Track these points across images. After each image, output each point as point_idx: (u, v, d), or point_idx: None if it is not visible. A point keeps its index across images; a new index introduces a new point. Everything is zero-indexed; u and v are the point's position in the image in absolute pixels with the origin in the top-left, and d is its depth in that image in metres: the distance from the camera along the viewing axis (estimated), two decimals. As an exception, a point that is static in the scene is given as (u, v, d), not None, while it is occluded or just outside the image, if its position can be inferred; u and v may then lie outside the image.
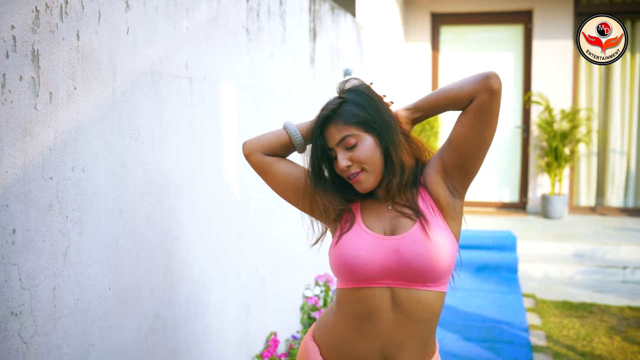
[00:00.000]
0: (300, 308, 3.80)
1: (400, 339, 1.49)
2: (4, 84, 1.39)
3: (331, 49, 4.30)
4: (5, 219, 1.40)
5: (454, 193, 1.54)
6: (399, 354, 1.50)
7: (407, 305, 1.48)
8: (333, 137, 1.50)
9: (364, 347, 1.52)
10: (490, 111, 1.48)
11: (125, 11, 1.84)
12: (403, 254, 1.46)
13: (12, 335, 1.43)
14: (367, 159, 1.49)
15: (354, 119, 1.50)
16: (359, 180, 1.51)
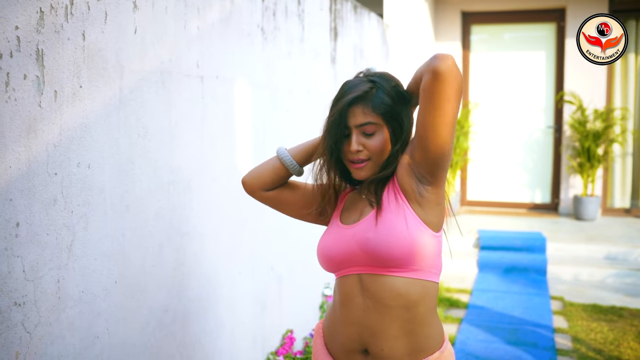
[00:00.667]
0: (320, 307, 3.81)
1: (374, 325, 1.50)
2: (7, 83, 1.44)
3: (354, 48, 4.31)
4: (9, 213, 1.46)
5: (420, 180, 1.49)
6: (377, 342, 1.50)
7: (374, 290, 1.49)
8: (356, 118, 1.51)
9: (346, 334, 1.56)
10: (435, 93, 1.39)
11: (133, 11, 1.88)
12: (357, 239, 1.51)
13: (15, 324, 1.49)
14: (378, 152, 1.53)
15: (381, 109, 1.51)
16: (361, 168, 1.53)
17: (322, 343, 1.65)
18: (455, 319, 4.79)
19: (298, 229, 3.32)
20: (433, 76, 1.37)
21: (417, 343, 1.51)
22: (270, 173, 1.68)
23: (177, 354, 2.20)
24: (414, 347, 1.51)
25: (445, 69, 1.37)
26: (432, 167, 1.47)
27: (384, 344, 1.50)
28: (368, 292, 1.50)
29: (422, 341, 1.52)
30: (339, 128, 1.52)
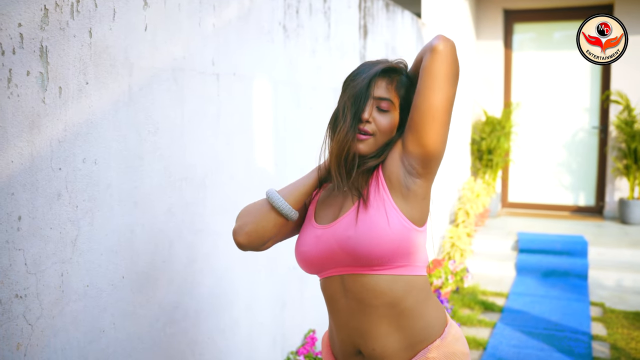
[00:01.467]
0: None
1: (361, 326, 1.46)
2: (10, 79, 1.46)
3: (385, 46, 4.26)
4: (10, 206, 1.48)
5: (410, 171, 1.45)
6: (367, 343, 1.47)
7: (356, 290, 1.45)
8: (379, 89, 1.48)
9: (340, 337, 1.54)
10: (432, 73, 1.38)
11: (144, 9, 1.90)
12: (337, 239, 1.46)
13: (16, 316, 1.51)
14: (384, 132, 1.49)
15: (402, 91, 1.51)
16: (363, 141, 1.47)
17: (329, 351, 1.62)
18: (488, 322, 4.68)
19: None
20: (434, 53, 1.39)
21: (412, 337, 1.47)
22: (265, 226, 1.51)
23: (189, 351, 2.20)
24: (409, 341, 1.47)
25: (445, 47, 1.40)
26: (425, 157, 1.43)
27: (374, 343, 1.46)
28: (350, 292, 1.46)
29: (417, 334, 1.47)
30: (365, 97, 1.46)
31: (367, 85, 1.46)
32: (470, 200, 6.17)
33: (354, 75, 1.52)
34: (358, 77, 1.50)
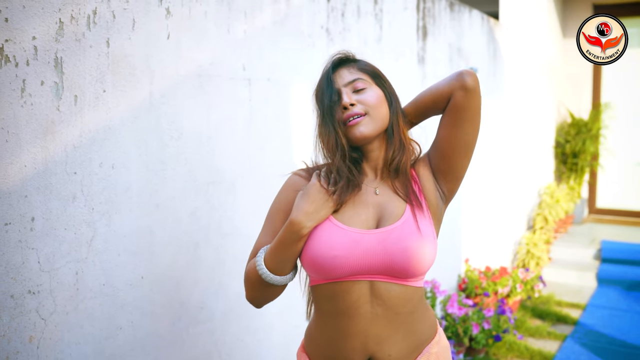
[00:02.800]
0: (399, 313, 3.73)
1: (382, 333, 1.43)
2: (23, 89, 1.56)
3: (449, 47, 4.15)
4: (24, 208, 1.58)
5: (442, 197, 1.54)
6: (384, 349, 1.43)
7: (386, 298, 1.42)
8: (343, 78, 1.49)
9: (347, 347, 1.45)
10: (467, 109, 1.46)
11: (166, 17, 1.96)
12: (388, 249, 1.40)
13: (29, 311, 1.61)
14: (374, 105, 1.47)
15: (367, 68, 1.54)
16: (359, 123, 1.44)
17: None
18: (559, 335, 4.46)
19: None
20: (466, 91, 1.44)
21: (419, 339, 1.50)
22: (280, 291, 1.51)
23: (215, 351, 2.25)
24: (417, 343, 1.49)
25: (475, 85, 1.46)
26: (454, 185, 1.55)
27: (391, 349, 1.44)
28: (379, 299, 1.42)
29: (422, 335, 1.51)
30: (329, 89, 1.47)
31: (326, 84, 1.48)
32: (549, 205, 5.89)
33: (317, 88, 1.53)
34: (319, 86, 1.52)
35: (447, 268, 4.41)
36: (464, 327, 3.55)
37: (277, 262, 1.43)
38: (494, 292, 4.43)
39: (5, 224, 1.54)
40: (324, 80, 1.51)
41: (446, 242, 4.37)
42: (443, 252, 4.28)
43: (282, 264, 1.43)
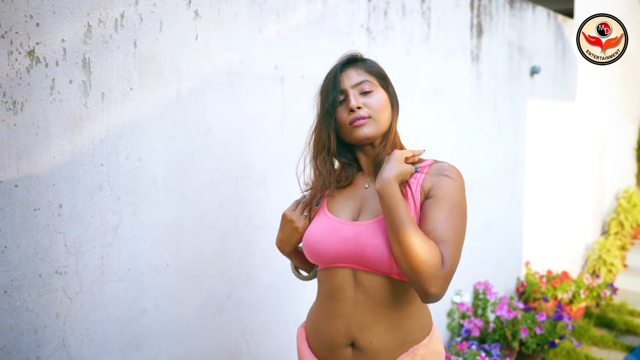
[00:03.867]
0: (448, 313, 3.69)
1: (364, 320, 1.47)
2: (52, 87, 1.71)
3: (508, 45, 4.06)
4: (52, 195, 1.73)
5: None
6: (365, 336, 1.47)
7: (367, 286, 1.46)
8: (350, 79, 1.53)
9: (332, 328, 1.52)
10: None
11: (194, 19, 2.07)
12: (360, 243, 1.45)
13: (56, 289, 1.76)
14: (378, 109, 1.51)
15: (374, 70, 1.56)
16: (364, 125, 1.49)
17: (306, 346, 1.63)
18: (625, 346, 4.25)
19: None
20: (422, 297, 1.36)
21: (407, 336, 1.50)
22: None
23: (242, 339, 2.35)
24: (404, 340, 1.49)
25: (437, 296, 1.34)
26: None
27: (373, 337, 1.47)
28: (361, 287, 1.47)
29: (411, 333, 1.50)
30: (334, 91, 1.51)
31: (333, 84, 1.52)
32: (625, 210, 5.61)
33: (322, 86, 1.57)
34: (326, 84, 1.56)
35: (504, 271, 4.31)
36: (512, 330, 3.47)
37: (294, 265, 1.75)
38: (553, 297, 4.28)
39: (34, 209, 1.70)
40: (331, 80, 1.55)
41: (504, 245, 4.27)
42: (499, 255, 4.19)
43: (299, 266, 1.74)
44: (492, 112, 3.96)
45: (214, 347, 2.23)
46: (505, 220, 4.28)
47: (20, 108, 1.65)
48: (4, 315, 1.66)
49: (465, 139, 3.73)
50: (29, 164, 1.67)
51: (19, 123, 1.65)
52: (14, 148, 1.64)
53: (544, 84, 4.61)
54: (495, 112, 3.99)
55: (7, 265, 1.65)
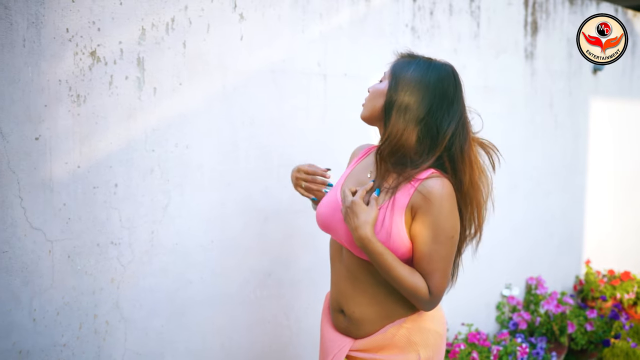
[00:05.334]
0: (497, 306, 3.75)
1: (346, 291, 1.65)
2: (111, 82, 1.98)
3: (567, 43, 4.05)
4: (109, 176, 2.00)
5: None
6: (349, 305, 1.65)
7: (348, 263, 1.64)
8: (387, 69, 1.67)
9: (331, 293, 1.75)
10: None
11: (239, 22, 2.30)
12: (346, 229, 1.61)
13: (111, 257, 2.03)
14: (370, 96, 1.65)
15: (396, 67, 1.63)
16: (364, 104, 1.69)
17: (326, 305, 1.84)
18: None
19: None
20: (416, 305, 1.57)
21: (392, 310, 1.63)
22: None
23: (282, 314, 2.55)
24: (388, 313, 1.63)
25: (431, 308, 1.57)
26: None
27: (355, 308, 1.64)
28: (345, 262, 1.67)
29: (397, 308, 1.63)
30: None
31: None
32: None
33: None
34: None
35: (561, 268, 4.29)
36: (559, 325, 3.48)
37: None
38: (612, 297, 4.22)
39: (93, 187, 1.97)
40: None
41: (561, 242, 4.26)
42: (556, 252, 4.19)
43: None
44: (548, 109, 3.97)
45: (254, 320, 2.45)
46: (563, 218, 4.26)
47: (83, 100, 1.93)
48: (67, 277, 1.94)
49: (517, 135, 3.77)
50: (89, 148, 1.95)
51: (82, 113, 1.93)
52: (77, 134, 1.92)
53: (610, 81, 4.53)
54: (551, 110, 3.99)
55: (71, 234, 1.94)
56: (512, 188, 3.79)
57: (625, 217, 4.96)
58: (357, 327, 1.65)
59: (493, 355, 3.10)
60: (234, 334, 2.40)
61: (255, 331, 2.47)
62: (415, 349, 1.61)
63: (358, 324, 1.64)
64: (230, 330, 2.38)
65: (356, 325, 1.65)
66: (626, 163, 4.89)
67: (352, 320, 1.66)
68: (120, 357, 2.09)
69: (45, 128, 1.86)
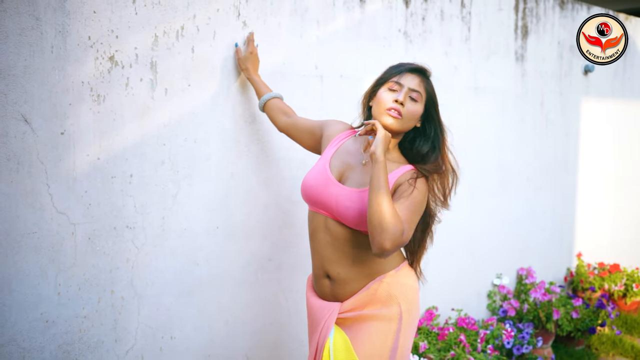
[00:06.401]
0: (487, 295, 3.97)
1: (331, 256, 1.92)
2: (127, 84, 2.23)
3: (558, 45, 4.26)
4: (125, 167, 2.25)
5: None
6: (334, 268, 1.92)
7: (333, 230, 1.91)
8: (414, 82, 1.94)
9: (314, 262, 2.00)
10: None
11: (242, 29, 2.54)
12: (339, 201, 1.88)
13: (126, 240, 2.28)
14: (409, 117, 1.92)
15: (429, 90, 1.97)
16: (393, 117, 1.90)
17: (309, 283, 2.09)
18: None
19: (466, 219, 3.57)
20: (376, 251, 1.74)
21: (372, 268, 1.90)
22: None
23: (282, 296, 2.79)
24: (370, 271, 1.90)
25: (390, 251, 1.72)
26: None
27: (340, 269, 1.91)
28: (329, 231, 1.93)
29: (376, 266, 1.90)
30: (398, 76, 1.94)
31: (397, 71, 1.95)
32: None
33: (392, 66, 2.02)
34: (396, 67, 1.99)
35: (552, 260, 4.50)
36: (546, 312, 3.69)
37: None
38: (601, 288, 4.42)
39: (111, 177, 2.22)
40: (403, 68, 1.97)
41: (552, 235, 4.47)
42: (547, 244, 4.40)
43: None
44: (539, 108, 4.18)
45: (255, 300, 2.70)
46: (554, 213, 4.47)
47: (102, 100, 2.17)
48: (88, 256, 2.19)
49: (509, 133, 3.98)
50: (108, 142, 2.20)
51: (101, 111, 2.17)
52: (97, 130, 2.17)
53: (602, 82, 4.73)
54: (542, 109, 4.20)
55: (91, 219, 2.18)
56: (504, 183, 4.01)
57: (617, 212, 5.15)
58: (343, 287, 1.89)
59: (480, 338, 3.32)
60: (237, 312, 2.64)
61: (256, 310, 2.71)
62: (397, 301, 1.86)
63: (343, 284, 1.89)
64: (233, 308, 2.62)
65: (342, 286, 1.89)
66: (618, 161, 5.08)
67: (337, 282, 1.91)
68: (134, 330, 2.33)
69: (69, 124, 2.10)
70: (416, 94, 1.91)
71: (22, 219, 2.02)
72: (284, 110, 2.38)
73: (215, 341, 2.57)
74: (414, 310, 1.92)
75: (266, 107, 2.42)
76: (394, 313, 1.86)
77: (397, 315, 1.86)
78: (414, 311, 1.92)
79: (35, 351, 2.09)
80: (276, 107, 2.39)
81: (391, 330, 1.85)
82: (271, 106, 2.40)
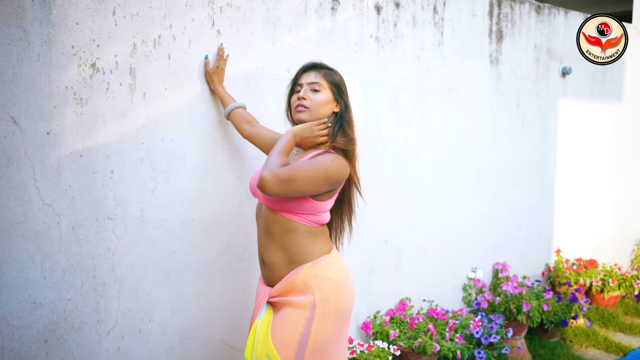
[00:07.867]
0: (462, 288, 4.16)
1: (264, 242, 2.16)
2: (107, 88, 2.46)
3: (535, 49, 4.44)
4: (106, 163, 2.48)
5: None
6: (267, 254, 2.16)
7: (264, 216, 2.16)
8: (309, 77, 2.24)
9: (258, 248, 2.26)
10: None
11: (216, 37, 2.76)
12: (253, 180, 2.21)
13: (108, 230, 2.51)
14: (317, 106, 2.20)
15: (330, 78, 2.24)
16: (302, 112, 2.19)
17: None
18: None
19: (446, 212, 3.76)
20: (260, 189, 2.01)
21: (293, 256, 2.11)
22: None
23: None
24: (290, 259, 2.12)
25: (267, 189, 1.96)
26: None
27: (271, 255, 2.15)
28: (263, 217, 2.18)
29: (296, 256, 2.11)
30: (294, 81, 2.27)
31: (296, 77, 2.24)
32: (679, 207, 5.70)
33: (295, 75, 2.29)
34: (295, 75, 2.29)
35: (530, 256, 4.68)
36: (516, 304, 3.88)
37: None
38: (577, 283, 4.59)
39: (93, 172, 2.45)
40: (298, 72, 2.29)
41: (530, 232, 4.64)
42: (525, 240, 4.58)
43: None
44: (515, 109, 4.37)
45: (230, 287, 2.92)
46: (532, 210, 4.65)
47: (85, 103, 2.40)
48: (72, 244, 2.42)
49: (484, 133, 4.17)
50: (90, 141, 2.43)
51: (84, 113, 2.41)
52: (80, 130, 2.40)
53: (581, 84, 4.89)
54: (518, 110, 4.39)
55: (74, 210, 2.42)
56: (479, 180, 4.20)
57: (597, 209, 5.31)
58: (273, 272, 2.11)
59: (449, 327, 3.51)
60: (213, 298, 2.86)
61: (232, 297, 2.93)
62: (311, 291, 2.06)
63: (271, 269, 2.12)
64: (209, 294, 2.85)
65: (272, 271, 2.12)
66: (597, 160, 5.24)
67: (269, 267, 2.16)
68: (114, 312, 2.56)
69: (55, 125, 2.34)
70: (316, 84, 2.20)
71: (12, 210, 2.26)
72: (247, 119, 2.63)
73: (192, 324, 2.80)
74: (332, 300, 2.06)
75: (231, 116, 2.67)
76: (308, 301, 2.04)
77: (311, 303, 2.03)
78: (333, 301, 2.06)
79: (24, 329, 2.32)
80: (240, 116, 2.64)
81: (302, 317, 2.02)
82: (235, 115, 2.65)
